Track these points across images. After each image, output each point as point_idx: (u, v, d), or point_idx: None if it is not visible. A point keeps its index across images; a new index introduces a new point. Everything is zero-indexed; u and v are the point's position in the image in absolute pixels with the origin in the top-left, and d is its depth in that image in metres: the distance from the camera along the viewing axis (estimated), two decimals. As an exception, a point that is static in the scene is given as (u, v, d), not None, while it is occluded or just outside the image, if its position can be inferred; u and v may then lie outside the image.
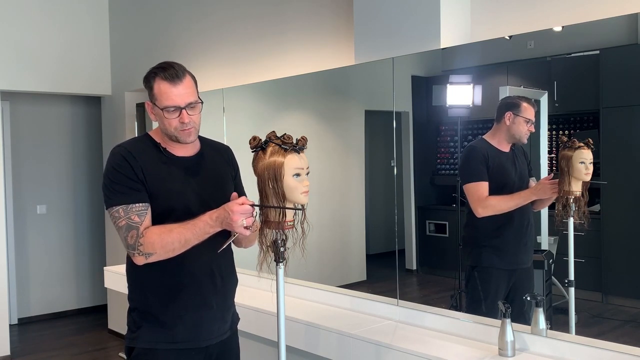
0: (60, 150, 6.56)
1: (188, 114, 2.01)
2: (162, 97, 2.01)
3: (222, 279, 2.17)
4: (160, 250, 1.95)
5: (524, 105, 2.50)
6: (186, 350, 2.10)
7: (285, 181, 1.90)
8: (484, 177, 2.56)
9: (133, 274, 2.13)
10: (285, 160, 1.90)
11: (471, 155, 2.67)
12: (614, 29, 2.25)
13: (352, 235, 3.52)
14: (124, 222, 1.98)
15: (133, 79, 5.38)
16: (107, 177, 2.04)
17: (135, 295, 2.14)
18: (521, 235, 2.57)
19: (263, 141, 1.95)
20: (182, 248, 1.96)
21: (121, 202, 1.99)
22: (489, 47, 2.62)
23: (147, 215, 2.00)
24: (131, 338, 2.12)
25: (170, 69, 2.01)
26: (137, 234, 1.96)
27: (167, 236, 1.94)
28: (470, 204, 2.59)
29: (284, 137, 1.93)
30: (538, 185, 2.45)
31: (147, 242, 1.95)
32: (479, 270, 2.62)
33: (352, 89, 3.44)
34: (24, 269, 6.31)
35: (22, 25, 5.19)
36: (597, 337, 2.18)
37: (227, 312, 2.21)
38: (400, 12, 2.80)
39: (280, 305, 2.01)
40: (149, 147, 2.09)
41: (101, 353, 5.38)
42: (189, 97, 2.02)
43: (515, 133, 2.53)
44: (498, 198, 2.55)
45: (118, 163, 2.02)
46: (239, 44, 4.12)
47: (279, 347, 2.04)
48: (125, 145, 2.09)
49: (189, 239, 1.94)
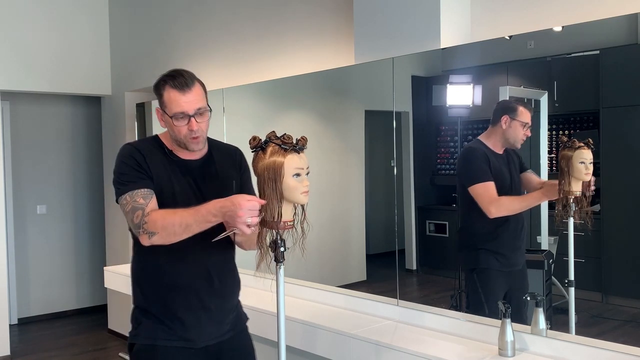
0: (60, 150, 6.56)
1: (196, 122, 2.05)
2: (171, 104, 2.04)
3: (220, 281, 2.17)
4: (161, 231, 1.95)
5: (520, 108, 2.49)
6: (184, 348, 2.12)
7: (285, 181, 1.89)
8: (490, 177, 2.54)
9: (135, 273, 2.19)
10: (285, 160, 1.90)
11: (473, 155, 2.64)
12: (614, 29, 2.25)
13: (352, 235, 3.52)
14: (130, 206, 2.02)
15: (133, 79, 5.38)
16: (116, 172, 2.10)
17: (136, 292, 2.19)
18: (516, 236, 2.58)
19: (263, 141, 1.95)
20: (183, 233, 1.95)
21: (128, 190, 2.04)
22: (489, 47, 2.62)
23: (152, 199, 2.03)
24: (132, 335, 2.17)
25: (179, 77, 2.05)
26: (142, 214, 1.99)
27: (170, 217, 1.95)
28: (481, 205, 2.55)
29: (284, 137, 1.93)
30: (550, 188, 2.42)
31: (151, 221, 1.97)
32: (478, 272, 2.62)
33: (352, 89, 3.44)
34: (24, 269, 6.31)
35: (22, 25, 5.19)
36: (597, 337, 2.18)
37: (227, 313, 2.21)
38: (400, 12, 2.80)
39: (280, 305, 2.01)
40: (156, 148, 2.14)
41: (101, 353, 5.38)
42: (198, 104, 2.05)
43: (510, 137, 2.53)
44: (511, 198, 2.54)
45: (126, 156, 2.10)
46: (239, 44, 4.12)
47: (279, 347, 2.04)
48: (133, 143, 2.19)
49: (190, 224, 1.93)
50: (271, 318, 2.85)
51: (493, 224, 2.56)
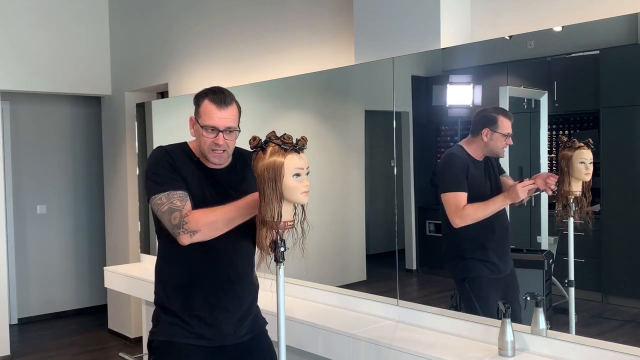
0: (60, 150, 6.56)
1: (224, 138, 2.15)
2: (205, 116, 2.15)
3: (239, 283, 2.25)
4: (204, 227, 2.03)
5: (500, 119, 2.49)
6: (201, 347, 2.19)
7: (285, 181, 1.89)
8: (464, 187, 2.57)
9: (158, 271, 2.28)
10: (285, 160, 1.90)
11: (453, 163, 2.65)
12: (614, 29, 2.25)
13: (352, 235, 3.52)
14: (166, 207, 2.08)
15: (133, 79, 5.38)
16: (149, 171, 2.17)
17: (159, 291, 2.27)
18: (502, 242, 2.58)
19: (263, 141, 1.95)
20: (226, 226, 2.04)
21: (163, 190, 2.10)
22: (489, 47, 2.62)
23: (188, 201, 2.10)
24: (152, 332, 2.26)
25: (220, 94, 2.17)
26: (180, 215, 2.05)
27: (211, 214, 2.04)
28: (448, 214, 2.60)
29: (284, 137, 1.93)
30: (510, 190, 2.45)
31: (192, 220, 2.03)
32: (469, 281, 2.63)
33: (352, 89, 3.44)
34: (24, 269, 6.31)
35: (22, 25, 5.20)
36: (597, 337, 2.18)
37: (245, 315, 2.27)
38: (400, 12, 2.80)
39: (280, 305, 2.01)
40: (183, 153, 2.23)
41: (101, 353, 5.38)
42: (230, 122, 2.16)
43: (493, 148, 2.54)
44: (474, 207, 2.55)
45: (159, 157, 2.18)
46: (238, 43, 4.12)
47: (279, 347, 2.04)
48: (165, 146, 2.27)
49: (233, 217, 2.03)
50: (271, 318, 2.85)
51: (478, 232, 2.57)
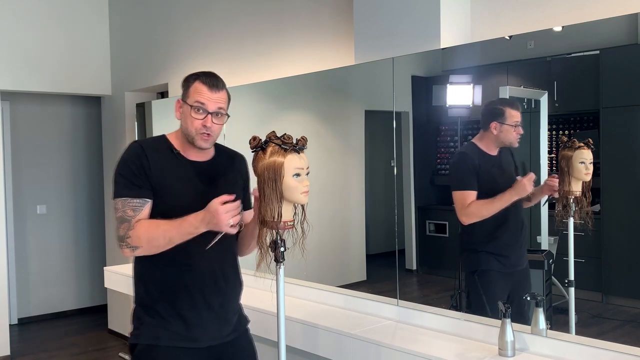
0: (60, 150, 6.56)
1: (212, 121, 2.09)
2: (195, 94, 2.09)
3: (225, 280, 2.19)
4: (145, 244, 2.01)
5: (507, 111, 2.50)
6: (187, 349, 2.11)
7: (285, 181, 1.90)
8: (473, 186, 2.57)
9: (139, 268, 2.18)
10: (285, 160, 1.90)
11: (463, 162, 2.67)
12: (614, 29, 2.25)
13: (352, 235, 3.52)
14: (119, 214, 2.05)
15: (133, 79, 5.38)
16: (117, 167, 2.13)
17: (139, 290, 2.18)
18: (517, 236, 2.58)
19: (263, 141, 1.95)
20: (166, 245, 2.00)
21: (122, 195, 2.06)
22: (489, 47, 2.62)
23: (142, 211, 2.04)
24: (134, 335, 2.15)
25: (212, 77, 2.12)
26: (128, 227, 2.02)
27: (154, 231, 2.00)
28: (456, 213, 2.62)
29: (284, 137, 1.93)
30: (516, 184, 2.46)
31: (134, 236, 2.01)
32: (479, 274, 2.62)
33: (352, 89, 3.44)
34: (24, 269, 6.31)
35: (23, 26, 5.20)
36: (597, 337, 2.18)
37: (230, 314, 2.22)
38: (400, 12, 2.80)
39: (280, 305, 2.01)
40: (163, 147, 2.16)
41: (101, 353, 5.38)
42: (220, 104, 2.11)
43: (505, 140, 2.54)
44: (478, 204, 2.55)
45: (130, 156, 2.11)
46: (238, 44, 4.12)
47: (279, 347, 2.04)
48: (140, 141, 2.21)
49: (173, 237, 1.98)
50: (271, 318, 2.85)
51: (492, 226, 2.56)
